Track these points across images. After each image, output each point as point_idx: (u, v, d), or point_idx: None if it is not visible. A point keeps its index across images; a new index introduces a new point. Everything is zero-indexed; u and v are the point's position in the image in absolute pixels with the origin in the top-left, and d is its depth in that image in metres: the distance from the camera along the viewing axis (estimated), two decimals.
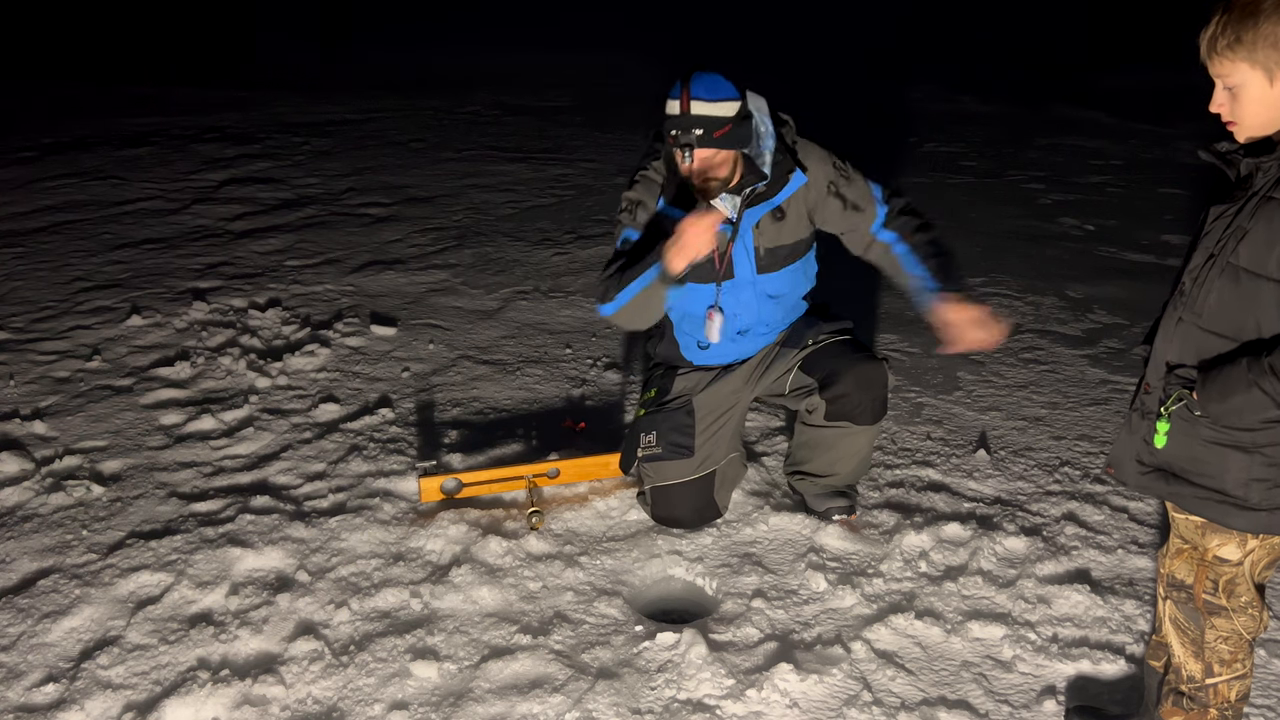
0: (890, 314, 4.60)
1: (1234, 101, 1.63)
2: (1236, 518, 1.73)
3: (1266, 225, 1.59)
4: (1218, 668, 1.87)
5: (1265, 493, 1.70)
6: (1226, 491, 1.72)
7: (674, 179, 2.78)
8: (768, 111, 2.78)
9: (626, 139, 8.00)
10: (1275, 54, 1.55)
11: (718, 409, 2.99)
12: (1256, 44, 1.55)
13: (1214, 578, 1.82)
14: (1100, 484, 3.22)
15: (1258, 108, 1.60)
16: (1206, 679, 1.88)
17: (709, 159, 2.64)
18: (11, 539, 2.95)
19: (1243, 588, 1.82)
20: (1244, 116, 1.63)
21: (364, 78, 10.95)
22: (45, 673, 2.42)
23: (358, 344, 4.28)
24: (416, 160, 7.60)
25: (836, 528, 2.94)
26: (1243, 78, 1.59)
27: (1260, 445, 1.68)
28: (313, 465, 3.34)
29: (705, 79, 2.62)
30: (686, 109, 2.59)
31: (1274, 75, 1.57)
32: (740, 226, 2.79)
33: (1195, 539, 1.82)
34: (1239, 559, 1.79)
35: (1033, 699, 2.33)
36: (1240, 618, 1.84)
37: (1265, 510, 1.71)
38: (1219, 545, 1.79)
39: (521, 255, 5.47)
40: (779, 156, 2.77)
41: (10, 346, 4.25)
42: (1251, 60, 1.57)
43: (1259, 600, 1.84)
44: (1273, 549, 1.80)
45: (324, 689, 2.37)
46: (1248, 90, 1.60)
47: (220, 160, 7.45)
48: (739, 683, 2.37)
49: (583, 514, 3.05)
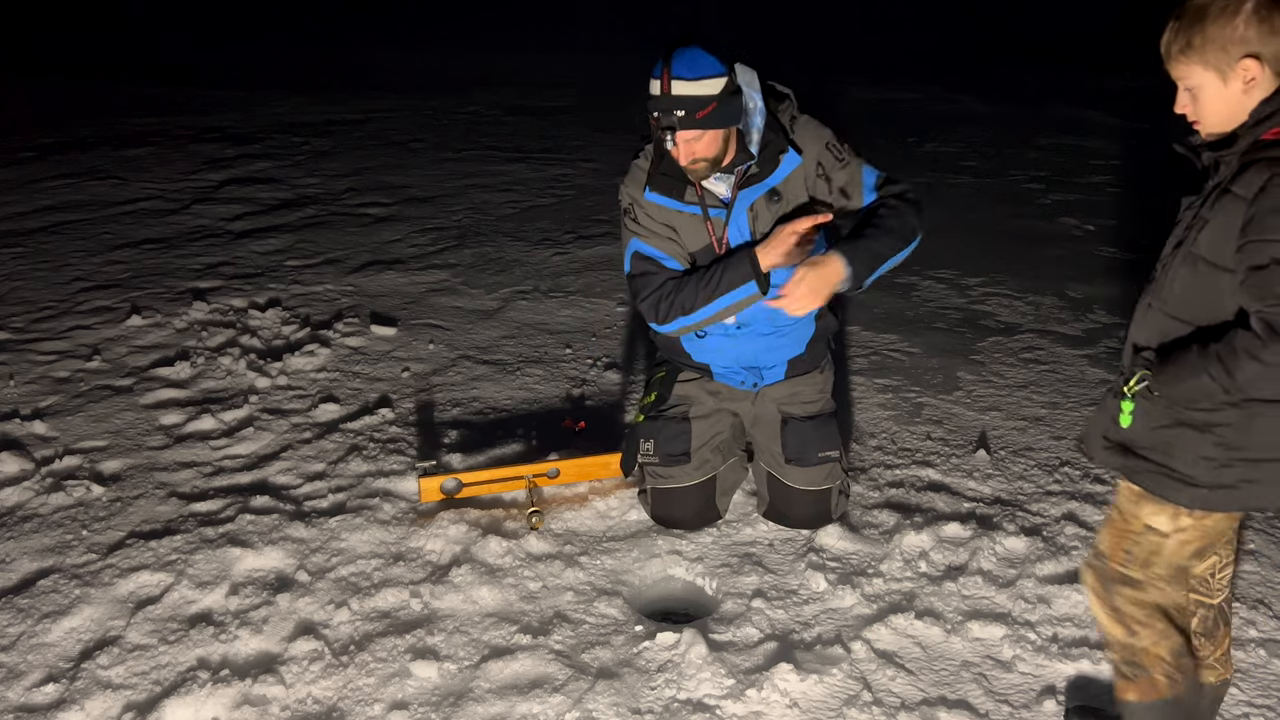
0: (890, 314, 4.59)
1: (1195, 101, 1.72)
2: (1179, 493, 1.81)
3: (1224, 217, 1.66)
4: (1135, 627, 1.94)
5: (1212, 471, 1.78)
6: (1175, 468, 1.80)
7: (661, 162, 2.71)
8: (759, 86, 2.67)
9: (626, 139, 7.98)
10: (1224, 56, 1.65)
11: (716, 424, 2.99)
12: (1206, 48, 1.65)
13: (1131, 549, 1.90)
14: (1100, 484, 3.22)
15: (1216, 106, 1.70)
16: (1129, 639, 1.95)
17: (694, 140, 2.55)
18: (11, 539, 2.95)
19: (1160, 562, 1.89)
20: (1205, 115, 1.72)
21: (364, 78, 10.95)
22: (45, 673, 2.42)
23: (358, 344, 4.28)
24: (416, 160, 7.60)
25: (837, 527, 2.94)
26: (1199, 79, 1.69)
27: (1212, 425, 1.76)
28: (313, 465, 3.34)
29: (687, 55, 2.50)
30: (667, 89, 2.49)
31: (1226, 76, 1.66)
32: (734, 209, 2.72)
33: (1130, 508, 1.90)
34: (1168, 531, 1.86)
35: (1033, 699, 2.33)
36: (1150, 590, 1.91)
37: (1208, 487, 1.78)
38: (1151, 514, 1.86)
39: (521, 255, 5.47)
40: (770, 135, 2.66)
41: (10, 346, 4.24)
42: (1204, 63, 1.67)
43: (1174, 580, 1.91)
44: (1205, 531, 1.86)
45: (324, 689, 2.37)
46: (1205, 90, 1.69)
47: (220, 160, 7.45)
48: (739, 683, 2.37)
49: (583, 514, 3.05)
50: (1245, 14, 1.62)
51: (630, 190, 2.81)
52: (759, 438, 3.01)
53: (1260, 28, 1.62)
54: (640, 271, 2.81)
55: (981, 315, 4.62)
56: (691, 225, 2.77)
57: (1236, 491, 1.79)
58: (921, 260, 5.12)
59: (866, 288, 2.63)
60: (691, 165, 2.62)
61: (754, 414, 3.00)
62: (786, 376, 2.97)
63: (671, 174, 2.71)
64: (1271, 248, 1.60)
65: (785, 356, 2.93)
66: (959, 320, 4.57)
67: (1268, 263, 1.60)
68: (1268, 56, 1.64)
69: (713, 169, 2.65)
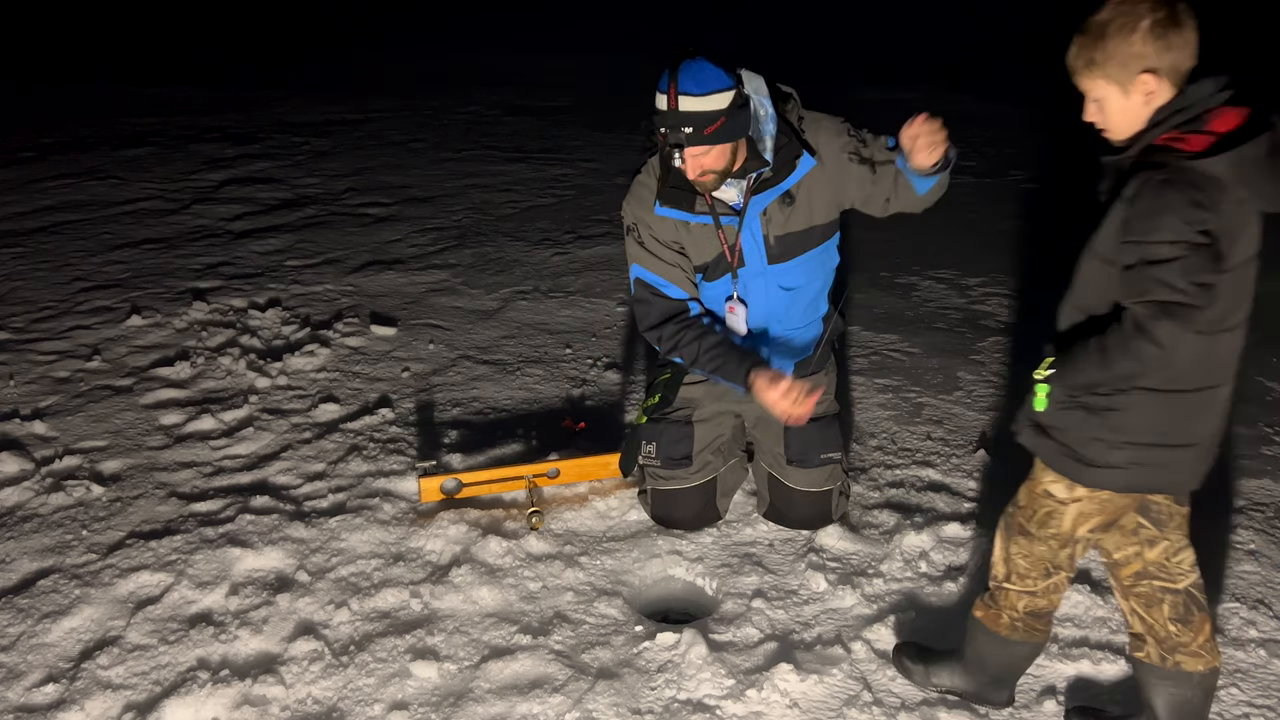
0: (890, 314, 4.59)
1: (1101, 112, 1.84)
2: (1074, 470, 1.96)
3: (1115, 216, 1.80)
4: (1015, 577, 2.14)
5: (1103, 451, 1.91)
6: (1071, 446, 1.95)
7: (669, 175, 2.67)
8: (766, 91, 2.63)
9: (626, 139, 7.99)
10: (1123, 71, 1.77)
11: (718, 427, 2.99)
12: (1108, 64, 1.77)
13: (1036, 508, 2.06)
14: None
15: (1120, 116, 1.82)
16: (1004, 582, 2.15)
17: (702, 155, 2.53)
18: (11, 539, 2.95)
19: (1054, 524, 2.04)
20: (1111, 124, 1.84)
21: (364, 78, 10.95)
22: (45, 673, 2.42)
23: (358, 344, 4.28)
24: (416, 160, 7.59)
25: (837, 527, 2.94)
26: (1103, 92, 1.82)
27: (1103, 410, 1.89)
28: (313, 465, 3.34)
29: (693, 69, 2.45)
30: (674, 105, 2.44)
31: (1127, 89, 1.78)
32: (746, 215, 2.70)
33: (1038, 473, 2.06)
34: (1064, 499, 2.02)
35: (1033, 699, 2.33)
36: (1040, 547, 2.08)
37: (1097, 466, 1.93)
38: (1050, 481, 2.03)
39: (521, 255, 5.47)
40: (783, 139, 2.64)
41: (10, 346, 4.25)
42: (1107, 78, 1.79)
43: (1063, 544, 2.06)
44: (1102, 505, 1.99)
45: (324, 689, 2.37)
46: (1109, 103, 1.82)
47: (220, 160, 7.45)
48: (739, 683, 2.37)
49: (583, 514, 3.05)
50: (1142, 32, 1.73)
51: (634, 209, 2.78)
52: (761, 438, 3.01)
53: (1156, 44, 1.73)
54: (642, 299, 2.82)
55: (981, 315, 4.62)
56: (702, 235, 2.75)
57: (1124, 472, 1.92)
58: (921, 260, 5.14)
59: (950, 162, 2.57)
60: (700, 179, 2.58)
61: (757, 414, 3.00)
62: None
63: (680, 186, 2.67)
64: (1141, 249, 1.72)
65: (793, 359, 2.93)
66: (959, 320, 4.57)
67: (1136, 262, 1.72)
68: (1164, 70, 1.75)
69: (721, 180, 2.62)
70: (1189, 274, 1.68)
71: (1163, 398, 1.85)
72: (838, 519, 2.97)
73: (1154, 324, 1.69)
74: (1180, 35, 1.74)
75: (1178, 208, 1.68)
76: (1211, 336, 1.78)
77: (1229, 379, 1.90)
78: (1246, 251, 1.79)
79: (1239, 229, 1.75)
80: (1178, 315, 1.68)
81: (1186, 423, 1.89)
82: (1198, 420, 1.90)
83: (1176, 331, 1.68)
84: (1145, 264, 1.71)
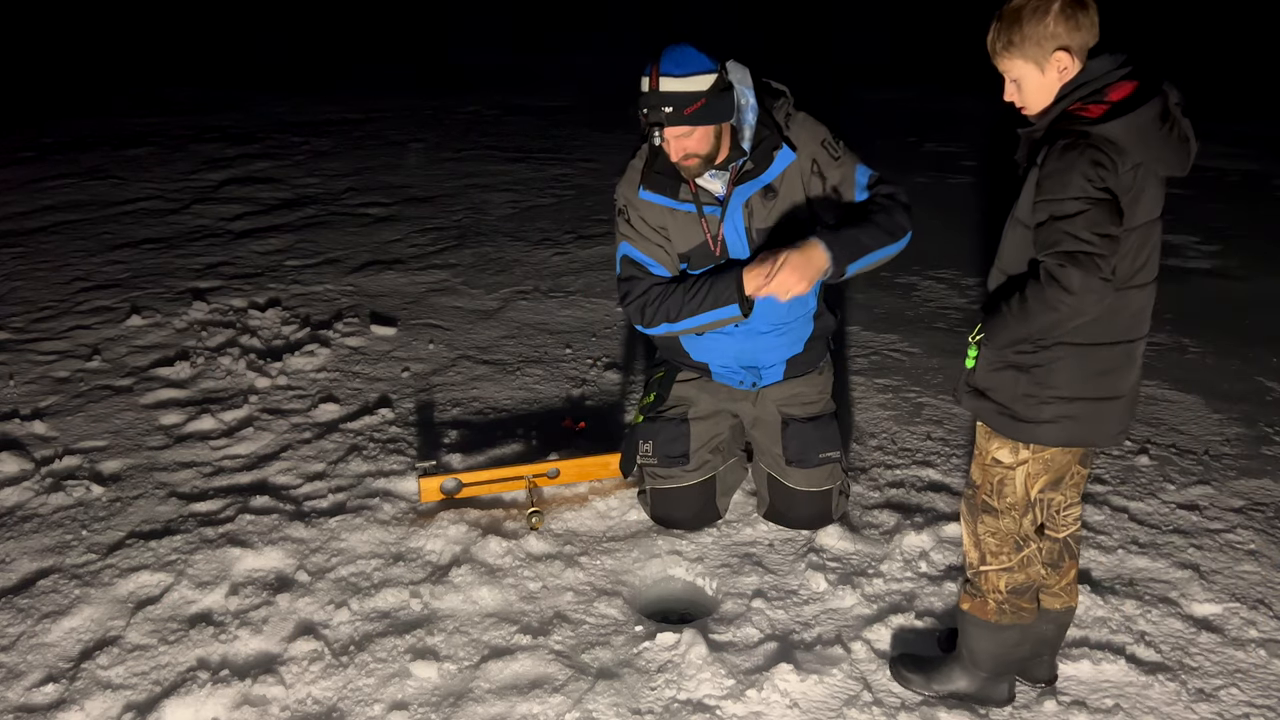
0: (890, 314, 4.60)
1: (1020, 90, 1.98)
2: (1011, 428, 2.06)
3: (1030, 182, 1.95)
4: (989, 558, 2.19)
5: (1033, 407, 2.02)
6: (1005, 404, 2.05)
7: (655, 161, 2.71)
8: (750, 83, 2.67)
9: (626, 139, 7.99)
10: (1039, 50, 1.91)
11: (715, 426, 2.99)
12: (1024, 45, 1.92)
13: (990, 479, 2.14)
14: (1100, 484, 3.22)
15: (1037, 93, 1.96)
16: (980, 565, 2.20)
17: (685, 136, 2.56)
18: (11, 539, 2.95)
19: (1009, 491, 2.12)
20: (1029, 101, 1.98)
21: (364, 78, 10.94)
22: (45, 673, 2.42)
23: (358, 344, 4.28)
24: (416, 160, 7.60)
25: (837, 527, 2.94)
26: (1020, 72, 1.96)
27: (1029, 366, 2.01)
28: (313, 465, 3.34)
29: (676, 53, 2.52)
30: (655, 85, 2.50)
31: (1043, 66, 1.93)
32: (729, 206, 2.72)
33: (983, 443, 2.15)
34: (1011, 464, 2.10)
35: (1033, 699, 2.33)
36: (1004, 519, 2.15)
37: (1031, 422, 2.03)
38: (996, 449, 2.12)
39: (521, 255, 5.47)
40: (764, 132, 2.67)
41: (10, 346, 4.25)
42: (1024, 58, 1.94)
43: (1024, 509, 2.14)
44: (1046, 464, 2.09)
45: (324, 689, 2.37)
46: (1027, 81, 1.96)
47: (220, 160, 7.45)
48: (739, 683, 2.36)
49: (583, 514, 3.05)
50: (1054, 13, 1.89)
51: (624, 190, 2.82)
52: (759, 439, 3.01)
53: (1067, 24, 1.89)
54: (628, 275, 2.83)
55: None
56: (686, 223, 2.77)
57: (1056, 427, 2.02)
58: (921, 260, 5.13)
59: (849, 275, 2.62)
60: (684, 162, 2.62)
61: (754, 415, 3.00)
62: (785, 377, 2.97)
63: (666, 172, 2.71)
64: (1050, 205, 1.87)
65: (784, 355, 2.93)
66: (959, 320, 4.57)
67: (1046, 219, 1.88)
68: (1075, 48, 1.91)
69: (706, 166, 2.65)
70: (1093, 225, 1.83)
71: (1083, 351, 1.98)
72: (838, 519, 2.97)
73: (1063, 272, 1.83)
74: (1087, 15, 1.91)
75: (1081, 167, 1.84)
76: (1122, 292, 1.92)
77: (1143, 334, 2.04)
78: (1150, 213, 1.94)
79: (1139, 189, 1.90)
80: (1084, 264, 1.82)
81: (1108, 376, 2.01)
82: (1118, 373, 2.02)
83: (1084, 278, 1.82)
84: (1054, 219, 1.86)
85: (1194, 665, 2.43)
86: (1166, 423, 3.65)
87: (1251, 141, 7.95)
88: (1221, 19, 13.27)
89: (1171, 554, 2.86)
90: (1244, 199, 6.66)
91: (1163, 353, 4.23)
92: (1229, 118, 8.57)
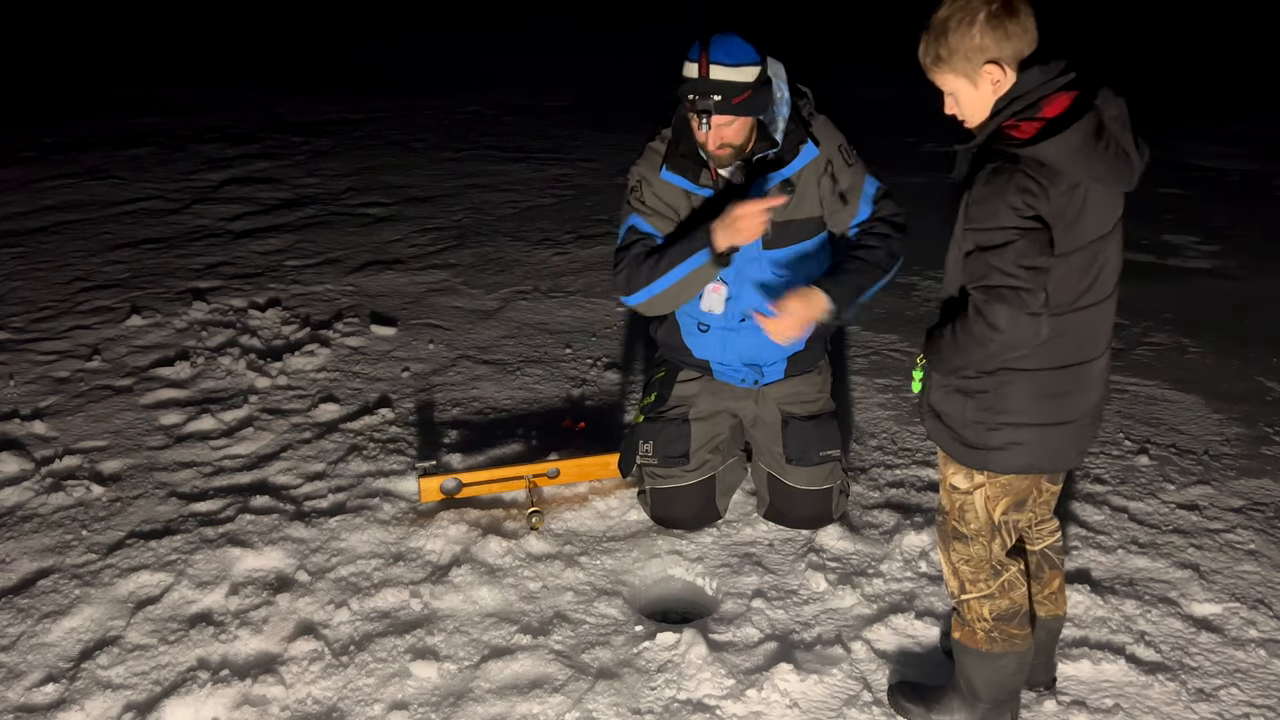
0: (890, 314, 4.59)
1: (957, 104, 1.90)
2: (961, 454, 2.00)
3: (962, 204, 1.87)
4: (968, 585, 2.10)
5: (982, 434, 1.95)
6: (956, 430, 1.99)
7: (679, 144, 2.72)
8: (785, 77, 2.71)
9: (626, 139, 7.99)
10: (968, 64, 1.81)
11: (715, 426, 2.99)
12: (953, 59, 1.82)
13: (953, 505, 2.07)
14: (1100, 484, 3.22)
15: (973, 107, 1.87)
16: (961, 594, 2.12)
17: (726, 125, 2.58)
18: (11, 539, 2.95)
19: (971, 517, 2.05)
20: (967, 115, 1.90)
21: (364, 78, 10.95)
22: (45, 673, 2.42)
23: (358, 344, 4.28)
24: (416, 160, 7.60)
25: (837, 527, 2.94)
26: (954, 85, 1.87)
27: (973, 391, 1.94)
28: (313, 465, 3.34)
29: (725, 41, 2.54)
30: (705, 73, 2.51)
31: (975, 80, 1.83)
32: (748, 196, 2.69)
33: (943, 469, 2.09)
34: (967, 489, 2.03)
35: (1033, 699, 2.33)
36: (974, 547, 2.07)
37: (981, 449, 1.96)
38: (952, 474, 2.06)
39: (521, 255, 5.47)
40: (791, 126, 2.70)
41: (10, 346, 4.25)
42: (955, 72, 1.84)
43: (990, 534, 2.05)
44: (1004, 487, 2.01)
45: (324, 689, 2.37)
46: (961, 94, 1.87)
47: (220, 160, 7.45)
48: (739, 683, 2.37)
49: (583, 514, 3.05)
50: (980, 25, 1.78)
51: (642, 169, 2.82)
52: (759, 438, 3.01)
53: (994, 35, 1.78)
54: (629, 243, 2.80)
55: None
56: (703, 208, 2.77)
57: (1007, 454, 1.95)
58: (921, 260, 5.12)
59: (847, 320, 2.68)
60: (718, 151, 2.64)
61: (755, 414, 3.00)
62: (786, 375, 2.97)
63: (689, 155, 2.73)
64: (978, 235, 1.80)
65: (785, 353, 2.93)
66: None
67: (973, 249, 1.81)
68: (1006, 59, 1.80)
69: (736, 156, 2.67)
70: (1020, 258, 1.74)
71: (1032, 375, 1.90)
72: (838, 518, 2.97)
73: (988, 309, 1.77)
74: (1017, 23, 1.78)
75: (1008, 196, 1.75)
76: (1064, 316, 1.84)
77: (1098, 353, 1.95)
78: (1099, 229, 1.85)
79: (1077, 211, 1.80)
80: (1009, 299, 1.75)
81: (1059, 400, 1.93)
82: (1071, 397, 1.95)
83: (1011, 314, 1.75)
84: (980, 250, 1.79)
85: (1194, 665, 2.44)
86: (1166, 423, 3.65)
87: (1251, 141, 7.96)
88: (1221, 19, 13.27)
89: (1171, 554, 2.86)
90: (1244, 199, 6.66)
91: (1163, 353, 4.23)
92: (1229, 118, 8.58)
